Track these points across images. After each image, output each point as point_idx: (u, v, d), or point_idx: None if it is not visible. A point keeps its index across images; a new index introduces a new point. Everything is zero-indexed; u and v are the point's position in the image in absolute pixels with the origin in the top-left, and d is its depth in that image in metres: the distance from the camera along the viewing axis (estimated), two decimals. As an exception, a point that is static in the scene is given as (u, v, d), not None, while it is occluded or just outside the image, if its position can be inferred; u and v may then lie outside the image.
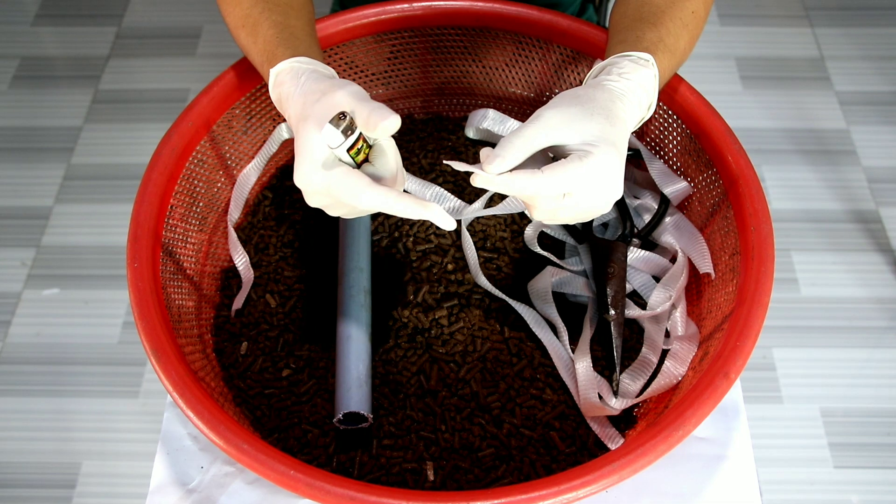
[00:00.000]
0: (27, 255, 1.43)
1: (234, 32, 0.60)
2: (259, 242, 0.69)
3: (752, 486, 0.59)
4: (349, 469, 0.57)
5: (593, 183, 0.48)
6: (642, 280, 0.66)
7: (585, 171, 0.47)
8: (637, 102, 0.52)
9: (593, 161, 0.47)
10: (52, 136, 1.60)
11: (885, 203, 1.48)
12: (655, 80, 0.53)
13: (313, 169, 0.48)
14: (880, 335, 1.33)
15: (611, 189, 0.49)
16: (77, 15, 1.80)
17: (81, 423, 1.26)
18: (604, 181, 0.48)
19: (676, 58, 0.57)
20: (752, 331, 0.52)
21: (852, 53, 1.70)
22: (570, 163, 0.47)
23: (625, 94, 0.52)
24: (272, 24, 0.57)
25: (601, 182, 0.48)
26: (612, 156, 0.48)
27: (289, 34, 0.57)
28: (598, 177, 0.48)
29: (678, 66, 0.58)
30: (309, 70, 0.53)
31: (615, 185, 0.49)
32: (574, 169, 0.47)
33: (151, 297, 0.54)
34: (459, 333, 0.63)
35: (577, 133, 0.48)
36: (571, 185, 0.47)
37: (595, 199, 0.49)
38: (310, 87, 0.51)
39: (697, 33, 0.59)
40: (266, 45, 0.56)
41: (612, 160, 0.48)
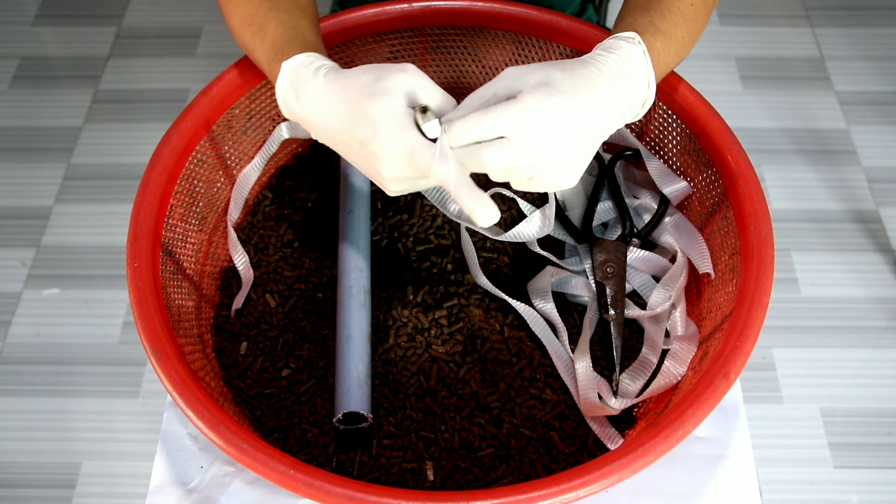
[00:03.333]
0: (27, 255, 1.43)
1: (237, 32, 0.60)
2: (259, 242, 0.69)
3: (752, 486, 0.59)
4: (349, 469, 0.57)
5: (531, 127, 0.45)
6: (642, 280, 0.66)
7: (522, 110, 0.45)
8: (621, 73, 0.50)
9: (533, 97, 0.46)
10: (52, 136, 1.60)
11: (885, 203, 1.48)
12: (645, 57, 0.52)
13: (402, 139, 0.47)
14: (880, 335, 1.33)
15: (559, 141, 0.46)
16: (77, 15, 1.80)
17: (81, 423, 1.26)
18: (548, 129, 0.46)
19: (673, 43, 0.55)
20: (752, 331, 0.52)
21: (852, 53, 1.70)
22: (507, 103, 0.46)
23: (603, 65, 0.50)
24: (280, 23, 0.57)
25: (542, 132, 0.46)
26: (557, 101, 0.46)
27: (297, 32, 0.56)
28: (536, 122, 0.45)
29: (678, 55, 0.57)
30: (329, 65, 0.52)
31: (566, 138, 0.46)
32: (507, 106, 0.46)
33: (151, 297, 0.54)
34: (459, 333, 0.63)
35: (532, 77, 0.47)
36: (504, 125, 0.45)
37: (539, 150, 0.46)
38: (350, 75, 0.50)
39: (698, 27, 0.58)
40: (274, 43, 0.56)
41: (559, 107, 0.46)
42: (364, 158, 0.50)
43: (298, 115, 0.53)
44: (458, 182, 0.47)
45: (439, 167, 0.47)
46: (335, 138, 0.51)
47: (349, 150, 0.51)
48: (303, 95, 0.52)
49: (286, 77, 0.53)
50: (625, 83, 0.51)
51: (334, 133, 0.51)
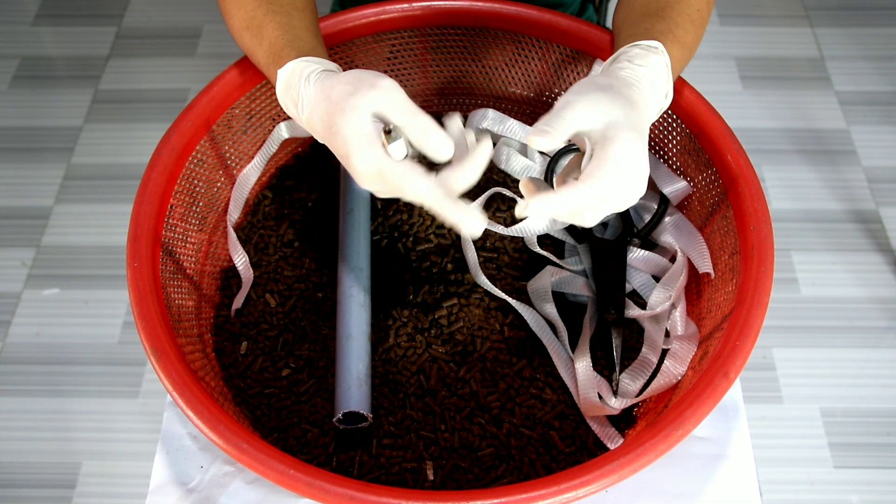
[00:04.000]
0: (27, 255, 1.43)
1: (237, 34, 0.60)
2: (259, 242, 0.69)
3: (752, 486, 0.59)
4: (349, 469, 0.57)
5: (623, 176, 0.47)
6: (642, 280, 0.66)
7: (615, 165, 0.46)
8: (652, 88, 0.51)
9: (619, 149, 0.46)
10: (52, 136, 1.60)
11: (885, 203, 1.48)
12: (667, 68, 0.53)
13: (369, 158, 0.48)
14: (880, 335, 1.33)
15: (639, 177, 0.48)
16: (77, 15, 1.80)
17: (81, 423, 1.26)
18: (632, 170, 0.47)
19: (686, 51, 0.56)
20: (752, 330, 0.52)
21: (852, 53, 1.70)
22: (602, 164, 0.46)
23: (639, 81, 0.51)
24: (277, 26, 0.57)
25: (630, 172, 0.47)
26: (636, 142, 0.47)
27: (293, 35, 0.57)
28: (626, 167, 0.47)
29: (687, 62, 0.58)
30: (319, 69, 0.53)
31: (642, 173, 0.48)
32: (608, 168, 0.46)
33: (151, 297, 0.54)
34: (459, 333, 0.63)
35: (602, 116, 0.47)
36: (610, 189, 0.46)
37: (625, 192, 0.47)
38: (333, 83, 0.50)
39: (702, 32, 0.59)
40: (271, 47, 0.56)
41: (638, 146, 0.47)
42: (347, 167, 0.50)
43: (299, 121, 0.54)
44: (433, 199, 0.47)
45: (410, 187, 0.47)
46: (328, 144, 0.52)
47: (338, 158, 0.52)
48: (299, 103, 0.53)
49: (281, 86, 0.54)
50: (653, 96, 0.52)
51: (324, 140, 0.52)
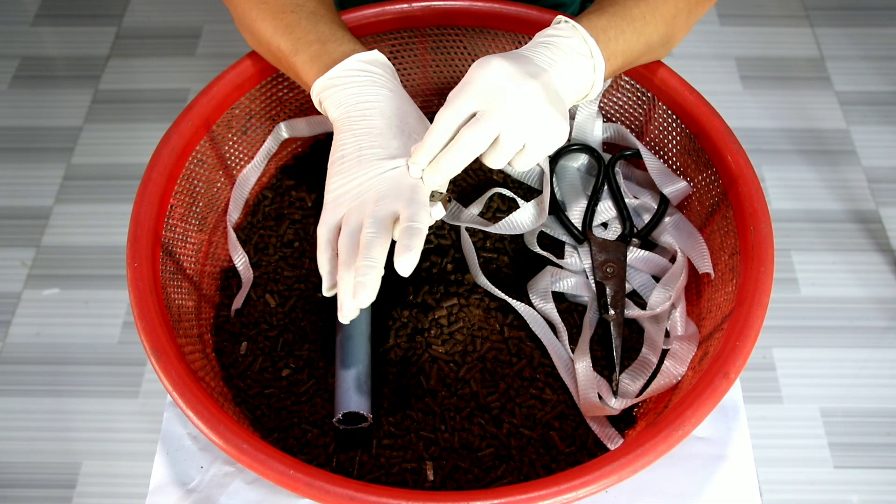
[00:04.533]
0: (27, 255, 1.43)
1: (261, 24, 0.60)
2: (259, 242, 0.69)
3: (752, 486, 0.59)
4: (349, 469, 0.57)
5: (489, 88, 0.49)
6: (642, 280, 0.66)
7: (471, 80, 0.49)
8: (546, 47, 0.53)
9: (475, 68, 0.50)
10: (52, 136, 1.60)
11: (885, 203, 1.48)
12: (576, 30, 0.54)
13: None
14: (880, 335, 1.33)
15: (520, 96, 0.49)
16: (77, 15, 1.80)
17: (81, 423, 1.26)
18: (502, 85, 0.49)
19: (627, 21, 0.57)
20: (752, 331, 0.52)
21: (852, 53, 1.70)
22: (458, 86, 0.50)
23: (525, 48, 0.53)
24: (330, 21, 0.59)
25: (498, 86, 0.49)
26: (494, 60, 0.50)
27: (342, 28, 0.58)
28: (489, 80, 0.49)
29: (639, 32, 0.57)
30: (334, 114, 0.55)
31: (524, 93, 0.49)
32: (461, 86, 0.50)
33: (151, 297, 0.54)
34: (459, 333, 0.63)
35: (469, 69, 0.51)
36: (467, 100, 0.49)
37: (508, 109, 0.49)
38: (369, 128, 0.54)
39: (669, 7, 0.59)
40: (309, 60, 0.57)
41: (497, 63, 0.49)
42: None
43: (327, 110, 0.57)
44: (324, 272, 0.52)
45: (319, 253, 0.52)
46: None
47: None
48: (333, 103, 0.56)
49: (329, 79, 0.56)
50: (556, 54, 0.53)
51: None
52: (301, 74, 0.57)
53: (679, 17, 0.60)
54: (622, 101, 0.69)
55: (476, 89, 0.49)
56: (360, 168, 0.52)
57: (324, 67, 0.55)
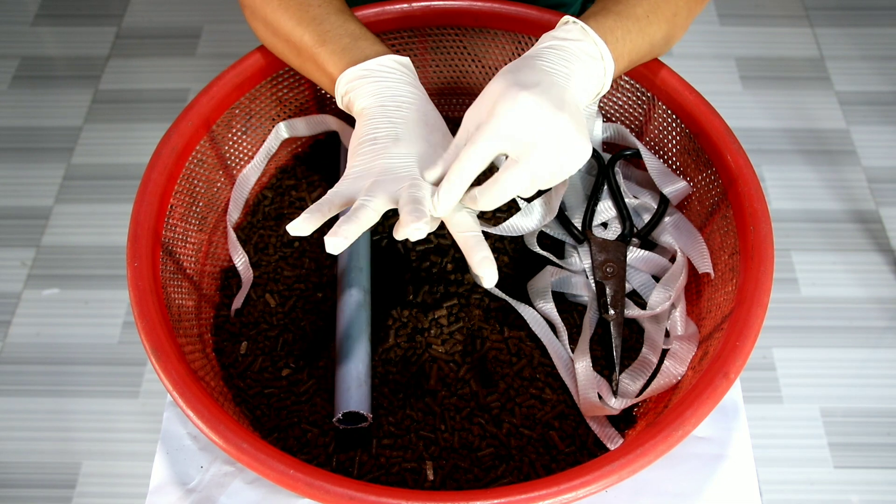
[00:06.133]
0: (27, 255, 1.43)
1: (281, 16, 0.60)
2: (259, 242, 0.69)
3: (752, 486, 0.59)
4: (349, 469, 0.57)
5: (520, 132, 0.49)
6: (642, 280, 0.66)
7: (500, 121, 0.49)
8: (560, 54, 0.53)
9: (504, 106, 0.49)
10: (52, 136, 1.60)
11: (885, 203, 1.48)
12: (585, 31, 0.54)
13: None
14: (880, 335, 1.33)
15: (549, 132, 0.49)
16: (77, 15, 1.80)
17: (81, 423, 1.26)
18: (532, 126, 0.49)
19: (632, 21, 0.57)
20: (752, 331, 0.52)
21: (852, 53, 1.70)
22: (484, 124, 0.50)
23: (540, 54, 0.53)
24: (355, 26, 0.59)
25: (529, 128, 0.49)
26: (523, 97, 0.49)
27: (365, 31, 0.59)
28: (520, 123, 0.49)
29: (643, 31, 0.57)
30: (359, 105, 0.55)
31: (552, 127, 0.49)
32: (488, 126, 0.49)
33: (151, 297, 0.54)
34: (459, 333, 0.63)
35: (490, 92, 0.51)
36: (494, 143, 0.49)
37: (541, 149, 0.49)
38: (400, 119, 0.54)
39: (673, 6, 0.59)
40: (351, 33, 0.58)
41: (527, 100, 0.49)
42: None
43: (350, 103, 0.57)
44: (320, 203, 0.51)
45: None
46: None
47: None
48: (362, 94, 0.56)
49: (361, 71, 0.56)
50: (571, 62, 0.53)
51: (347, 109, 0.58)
52: (326, 65, 0.57)
53: (679, 15, 0.60)
54: (622, 101, 0.69)
55: (505, 131, 0.49)
56: (395, 149, 0.52)
57: (354, 60, 0.56)
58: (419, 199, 0.49)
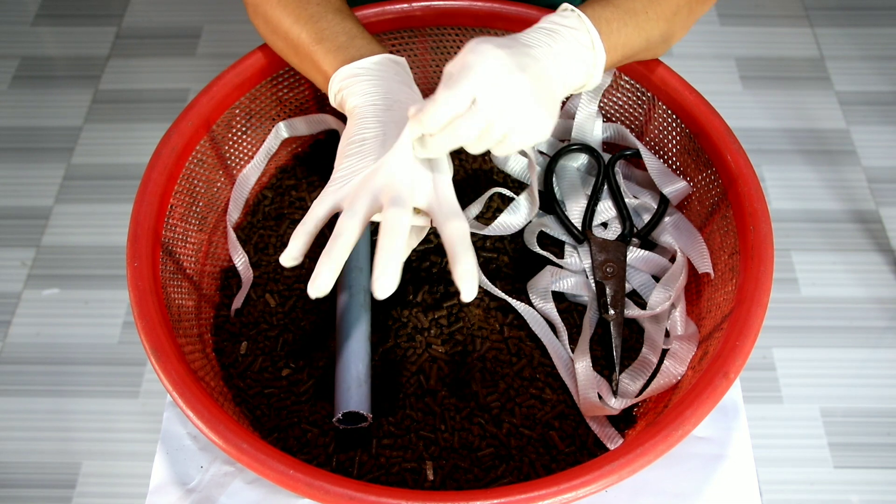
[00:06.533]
0: (27, 255, 1.43)
1: (280, 13, 0.60)
2: (259, 242, 0.69)
3: (752, 486, 0.59)
4: (349, 469, 0.57)
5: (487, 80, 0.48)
6: (642, 280, 0.66)
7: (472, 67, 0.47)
8: (548, 34, 0.52)
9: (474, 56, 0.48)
10: (52, 136, 1.60)
11: (885, 203, 1.48)
12: (581, 19, 0.54)
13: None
14: (880, 335, 1.33)
15: (514, 90, 0.48)
16: (77, 15, 1.80)
17: (81, 423, 1.26)
18: (498, 77, 0.48)
19: (630, 14, 0.56)
20: (752, 330, 0.52)
21: (852, 53, 1.70)
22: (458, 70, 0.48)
23: (526, 32, 0.52)
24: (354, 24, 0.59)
25: (494, 78, 0.48)
26: (495, 51, 0.48)
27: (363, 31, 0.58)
28: (487, 72, 0.48)
29: (640, 26, 0.57)
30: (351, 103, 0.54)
31: (518, 87, 0.48)
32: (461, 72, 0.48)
33: (151, 297, 0.54)
34: (459, 333, 0.63)
35: (466, 47, 0.50)
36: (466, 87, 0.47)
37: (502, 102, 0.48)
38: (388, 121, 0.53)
39: (672, 4, 0.59)
40: (349, 32, 0.57)
41: (497, 54, 0.48)
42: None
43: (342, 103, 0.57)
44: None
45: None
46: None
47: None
48: (356, 93, 0.55)
49: (352, 71, 0.56)
50: (556, 42, 0.52)
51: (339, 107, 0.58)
52: (321, 62, 0.57)
53: (679, 14, 0.60)
54: (622, 101, 0.69)
55: (476, 78, 0.49)
56: (382, 150, 0.51)
57: (349, 59, 0.55)
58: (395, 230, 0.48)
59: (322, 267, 0.48)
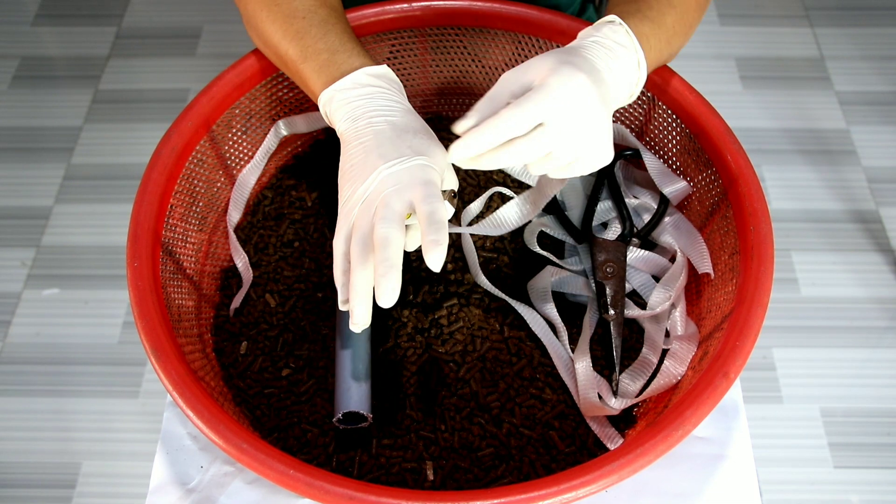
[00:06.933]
0: (27, 255, 1.43)
1: (270, 28, 0.59)
2: (259, 242, 0.69)
3: (752, 486, 0.59)
4: (349, 469, 0.57)
5: (565, 109, 0.47)
6: (642, 280, 0.66)
7: (551, 92, 0.47)
8: (607, 53, 0.52)
9: (558, 79, 0.47)
10: (52, 136, 1.60)
11: (885, 203, 1.48)
12: (630, 37, 0.53)
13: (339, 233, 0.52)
14: (880, 335, 1.33)
15: (589, 121, 0.48)
16: (77, 15, 1.80)
17: (81, 423, 1.26)
18: (578, 108, 0.48)
19: (663, 31, 0.56)
20: (752, 330, 0.52)
21: (852, 53, 1.70)
22: (534, 91, 0.48)
23: (587, 47, 0.52)
24: (341, 31, 0.58)
25: (574, 109, 0.48)
26: (579, 78, 0.48)
27: (352, 39, 0.58)
28: (568, 100, 0.47)
29: (669, 44, 0.58)
30: (341, 127, 0.54)
31: (594, 117, 0.48)
32: (538, 94, 0.47)
33: (151, 297, 0.54)
34: (459, 333, 0.63)
35: (541, 64, 0.49)
36: (541, 112, 0.47)
37: (574, 129, 0.48)
38: (390, 131, 0.53)
39: (690, 18, 0.59)
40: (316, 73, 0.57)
41: (582, 83, 0.48)
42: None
43: (331, 119, 0.57)
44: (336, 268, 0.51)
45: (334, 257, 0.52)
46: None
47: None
48: (344, 113, 0.55)
49: (338, 91, 0.55)
50: (615, 63, 0.52)
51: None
52: (308, 83, 0.57)
53: (693, 27, 0.61)
54: (622, 101, 0.69)
55: (553, 102, 0.48)
56: (365, 170, 0.51)
57: (331, 78, 0.55)
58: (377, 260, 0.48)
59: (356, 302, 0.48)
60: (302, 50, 0.57)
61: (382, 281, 0.47)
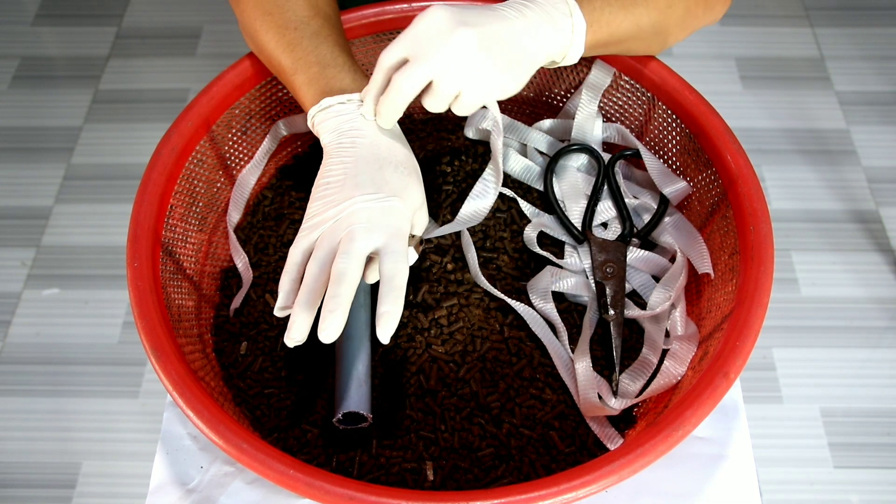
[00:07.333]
0: (27, 255, 1.43)
1: (264, 37, 0.60)
2: (259, 242, 0.69)
3: (752, 486, 0.59)
4: (349, 469, 0.57)
5: (424, 38, 0.50)
6: (642, 280, 0.66)
7: (411, 28, 0.50)
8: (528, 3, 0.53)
9: (419, 16, 0.50)
10: (52, 136, 1.60)
11: (885, 203, 1.48)
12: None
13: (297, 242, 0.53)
14: (880, 335, 1.33)
15: (453, 45, 0.50)
16: (77, 15, 1.80)
17: (81, 423, 1.26)
18: (434, 34, 0.50)
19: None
20: (752, 330, 0.52)
21: (852, 53, 1.70)
22: (401, 34, 0.51)
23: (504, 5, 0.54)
24: (334, 44, 0.59)
25: (430, 35, 0.50)
26: (435, 9, 0.50)
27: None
28: (424, 28, 0.50)
29: (629, 11, 0.58)
30: (327, 141, 0.55)
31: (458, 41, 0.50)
32: (403, 34, 0.51)
33: (151, 297, 0.54)
34: (459, 333, 0.63)
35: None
36: (404, 48, 0.50)
37: (440, 60, 0.50)
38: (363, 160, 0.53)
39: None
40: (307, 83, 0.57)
41: (437, 12, 0.50)
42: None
43: (312, 125, 0.58)
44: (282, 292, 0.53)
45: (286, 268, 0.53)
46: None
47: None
48: (332, 129, 0.56)
49: (323, 108, 0.56)
50: (535, 10, 0.53)
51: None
52: (299, 94, 0.57)
53: (674, 9, 0.60)
54: (622, 101, 0.69)
55: (410, 36, 0.51)
56: (341, 194, 0.52)
57: (320, 92, 0.55)
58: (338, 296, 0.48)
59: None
60: (293, 62, 0.57)
61: (329, 317, 0.47)
